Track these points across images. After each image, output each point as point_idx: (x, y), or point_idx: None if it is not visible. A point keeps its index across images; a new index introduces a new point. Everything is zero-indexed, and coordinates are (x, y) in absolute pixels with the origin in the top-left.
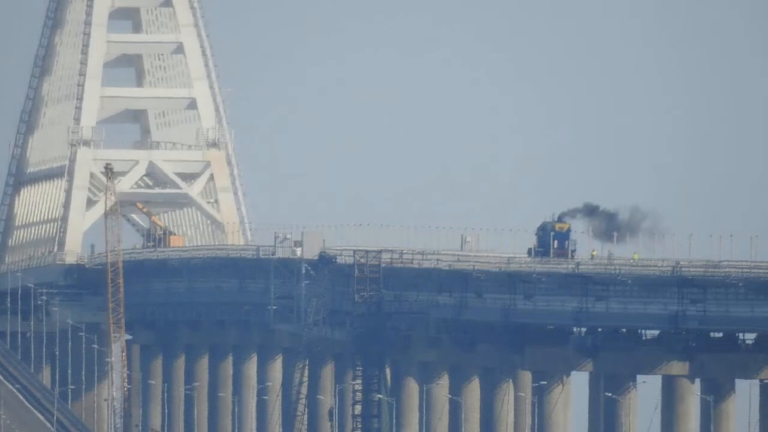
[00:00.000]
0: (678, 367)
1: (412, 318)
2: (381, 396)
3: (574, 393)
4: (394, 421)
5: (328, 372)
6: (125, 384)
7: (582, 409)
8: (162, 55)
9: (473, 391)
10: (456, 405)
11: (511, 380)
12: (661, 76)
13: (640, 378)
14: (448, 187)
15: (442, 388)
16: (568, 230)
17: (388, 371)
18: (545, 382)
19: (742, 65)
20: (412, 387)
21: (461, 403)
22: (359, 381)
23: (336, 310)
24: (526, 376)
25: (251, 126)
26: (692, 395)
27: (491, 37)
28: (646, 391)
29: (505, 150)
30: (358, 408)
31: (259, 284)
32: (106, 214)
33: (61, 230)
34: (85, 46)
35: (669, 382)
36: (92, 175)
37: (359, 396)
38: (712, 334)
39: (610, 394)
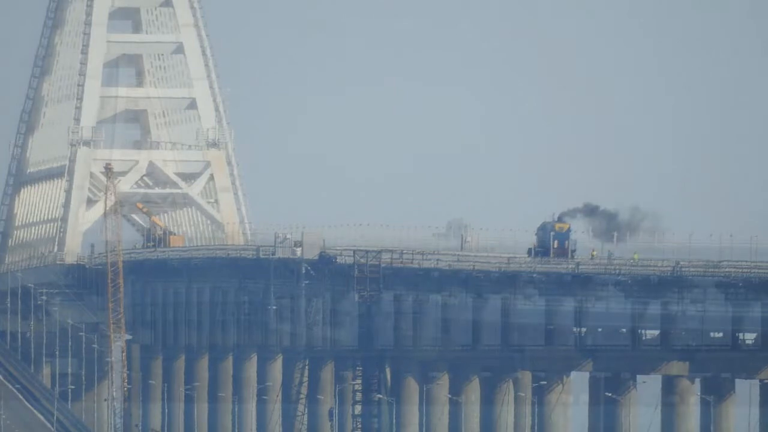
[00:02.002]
0: (678, 367)
1: (412, 318)
2: (381, 396)
3: (574, 393)
4: (394, 421)
5: (328, 372)
6: (125, 384)
7: (582, 409)
8: (162, 55)
9: (473, 391)
10: (456, 405)
11: (511, 380)
12: (661, 76)
13: (640, 378)
14: (448, 187)
15: (442, 388)
16: (568, 230)
17: (388, 371)
18: (545, 382)
19: (742, 65)
20: (412, 387)
21: (461, 403)
22: (359, 381)
23: (336, 310)
24: (526, 376)
25: (251, 126)
26: (692, 395)
27: (491, 37)
28: (646, 391)
29: (505, 150)
30: (358, 408)
31: (259, 284)
32: (106, 214)
33: (61, 230)
34: (85, 46)
35: (669, 382)
36: (92, 175)
37: (359, 396)
38: (712, 334)
39: (610, 394)
